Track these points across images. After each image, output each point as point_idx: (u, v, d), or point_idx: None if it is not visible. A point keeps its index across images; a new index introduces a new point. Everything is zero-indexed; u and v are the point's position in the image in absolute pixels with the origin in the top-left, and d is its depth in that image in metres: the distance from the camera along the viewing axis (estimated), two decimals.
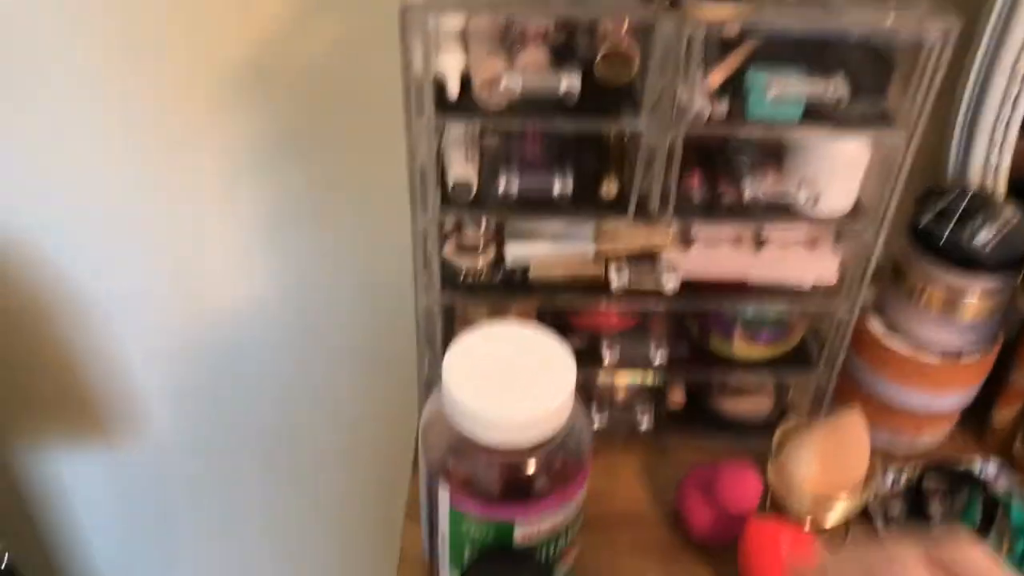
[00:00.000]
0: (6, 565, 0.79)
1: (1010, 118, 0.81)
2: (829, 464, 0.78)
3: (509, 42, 0.71)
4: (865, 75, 0.69)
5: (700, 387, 0.93)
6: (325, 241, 1.05)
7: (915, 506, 0.86)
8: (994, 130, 0.82)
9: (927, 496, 0.87)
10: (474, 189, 0.74)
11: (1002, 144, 0.83)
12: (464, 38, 0.71)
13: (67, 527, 1.40)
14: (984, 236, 0.80)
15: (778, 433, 0.82)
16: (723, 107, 0.69)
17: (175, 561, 1.44)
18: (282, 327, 1.13)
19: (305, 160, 0.99)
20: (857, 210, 0.77)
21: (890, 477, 0.88)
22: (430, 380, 0.87)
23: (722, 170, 0.75)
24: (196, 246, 1.06)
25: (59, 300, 1.11)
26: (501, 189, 0.72)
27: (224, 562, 1.43)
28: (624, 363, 0.85)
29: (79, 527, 1.40)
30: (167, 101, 0.94)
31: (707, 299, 0.81)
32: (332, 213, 1.03)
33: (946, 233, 0.80)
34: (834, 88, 0.66)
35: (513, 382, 0.63)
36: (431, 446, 0.65)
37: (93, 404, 1.22)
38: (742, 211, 0.74)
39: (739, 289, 0.82)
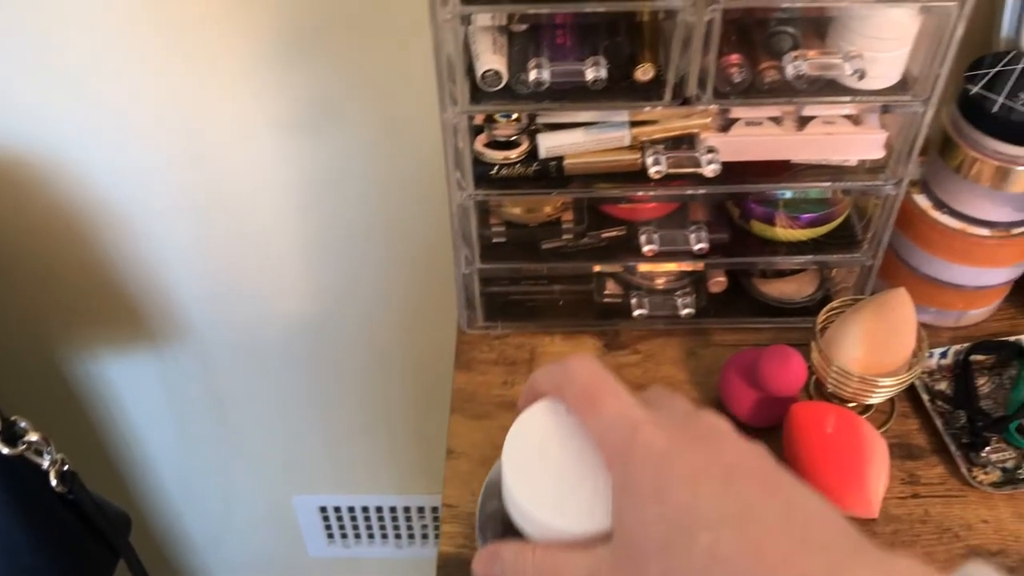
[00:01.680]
0: (67, 470, 0.81)
1: None
2: (875, 344, 0.77)
3: None
4: None
5: (742, 271, 0.91)
6: (354, 136, 1.03)
7: (963, 381, 0.85)
8: None
9: (975, 371, 0.87)
10: (504, 79, 0.71)
11: None
12: None
13: (124, 429, 1.45)
14: None
15: (822, 315, 0.81)
16: None
17: (229, 452, 1.49)
18: (315, 222, 1.12)
19: (330, 51, 0.96)
20: (905, 82, 0.73)
21: (937, 353, 0.87)
22: (467, 278, 0.86)
23: (763, 48, 0.71)
24: (223, 146, 1.05)
25: (98, 214, 1.11)
26: (531, 78, 0.69)
27: (276, 447, 1.48)
28: (664, 251, 0.84)
29: (135, 428, 1.45)
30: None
31: (748, 182, 0.79)
32: (360, 107, 1.01)
33: (998, 101, 0.76)
34: None
35: (573, 481, 0.49)
36: (487, 515, 0.57)
37: (138, 313, 1.24)
38: (784, 90, 0.71)
39: (781, 169, 0.79)
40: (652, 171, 0.76)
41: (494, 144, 0.78)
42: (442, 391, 0.95)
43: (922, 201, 0.85)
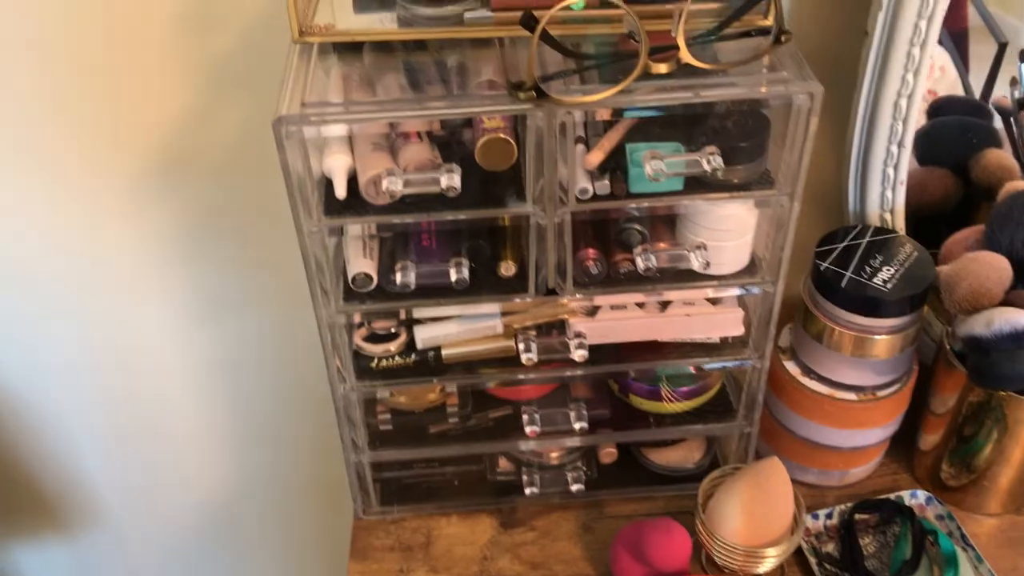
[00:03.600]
0: None
1: (898, 158, 0.83)
2: (755, 515, 0.79)
3: (393, 138, 0.72)
4: (742, 140, 0.70)
5: (630, 441, 0.94)
6: (250, 326, 1.06)
7: (847, 542, 0.87)
8: (884, 169, 0.84)
9: (860, 530, 0.89)
10: (374, 281, 0.74)
11: (894, 183, 0.84)
12: (350, 137, 0.72)
13: None
14: (884, 275, 0.81)
15: (704, 486, 0.83)
16: (605, 184, 0.70)
17: None
18: (219, 411, 1.14)
19: (224, 243, 1.00)
20: (754, 265, 0.78)
21: (823, 514, 0.89)
22: (358, 466, 0.87)
23: (615, 242, 0.76)
24: (131, 347, 1.07)
25: (11, 407, 1.11)
26: (398, 280, 0.73)
27: None
28: (548, 430, 0.86)
29: None
30: (90, 182, 0.95)
31: (621, 360, 0.82)
32: (251, 298, 1.04)
33: (846, 276, 0.81)
34: (710, 159, 0.68)
35: None
36: None
37: (52, 502, 1.23)
38: (640, 279, 0.76)
39: (651, 348, 0.83)
40: (524, 358, 0.79)
41: (373, 337, 0.81)
42: None
43: (792, 368, 0.88)
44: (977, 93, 0.93)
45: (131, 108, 0.90)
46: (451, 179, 0.67)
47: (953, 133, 0.93)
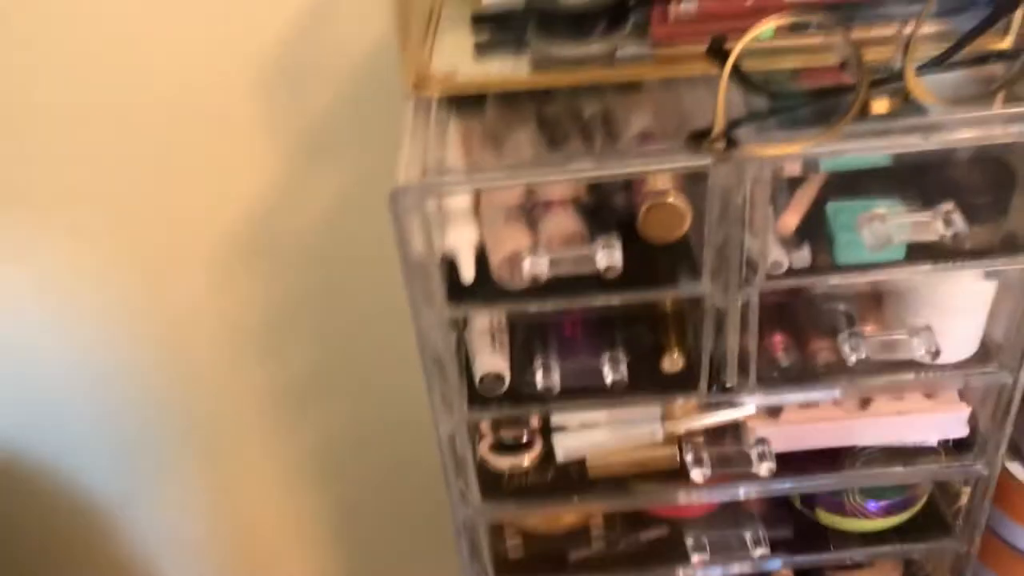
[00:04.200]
0: None
1: None
2: None
3: (530, 207, 0.58)
4: (979, 195, 0.55)
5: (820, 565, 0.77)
6: (333, 425, 0.92)
7: None
8: None
9: None
10: (507, 382, 0.60)
11: None
12: (477, 207, 0.59)
13: None
14: None
15: None
16: (804, 256, 0.55)
17: None
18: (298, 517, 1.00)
19: (311, 335, 0.87)
20: (987, 350, 0.61)
21: None
22: None
23: (810, 324, 0.60)
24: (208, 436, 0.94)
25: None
26: (540, 382, 0.58)
27: None
28: (716, 555, 0.70)
29: None
30: (165, 277, 0.83)
31: (806, 471, 0.66)
32: (341, 394, 0.90)
33: None
34: (947, 219, 0.52)
35: None
36: None
37: None
38: (841, 372, 0.60)
39: (846, 455, 0.66)
40: (694, 474, 0.63)
41: (501, 447, 0.66)
42: None
43: (1019, 470, 0.71)
44: None
45: (212, 186, 0.78)
46: (610, 256, 0.52)
47: None
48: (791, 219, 0.55)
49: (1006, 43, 0.55)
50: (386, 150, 0.56)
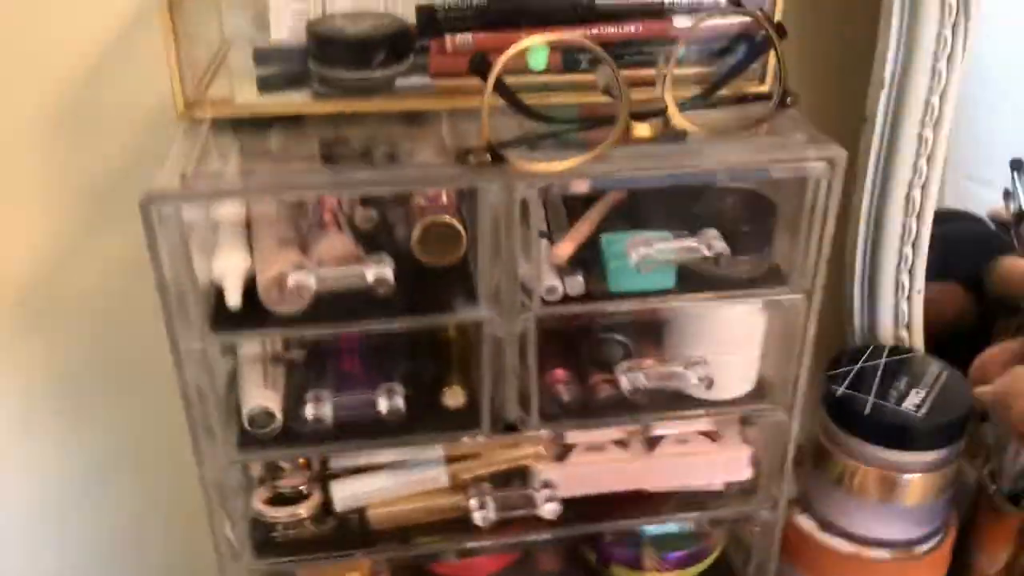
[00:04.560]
0: None
1: (913, 261, 0.70)
2: None
3: (305, 230, 0.56)
4: (744, 226, 0.57)
5: None
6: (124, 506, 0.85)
7: None
8: (898, 276, 0.71)
9: None
10: (277, 419, 0.56)
11: (909, 291, 0.71)
12: (248, 231, 0.57)
13: None
14: (914, 399, 0.66)
15: None
16: (578, 281, 0.55)
17: None
18: None
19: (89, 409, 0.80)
20: (762, 388, 0.62)
21: None
22: None
23: (591, 358, 0.60)
24: None
25: None
26: (309, 415, 0.55)
27: None
28: None
29: None
30: None
31: (598, 519, 0.64)
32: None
33: (870, 400, 0.66)
34: (709, 244, 0.53)
35: None
36: None
37: None
38: (623, 407, 0.59)
39: (637, 500, 0.65)
40: (478, 518, 0.60)
41: (278, 499, 0.62)
42: None
43: (805, 522, 0.71)
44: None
45: None
46: (380, 270, 0.51)
47: (960, 242, 0.82)
48: (566, 247, 0.55)
49: (765, 87, 0.59)
50: None
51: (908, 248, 0.70)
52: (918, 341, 0.73)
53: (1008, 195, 0.83)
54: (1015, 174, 0.83)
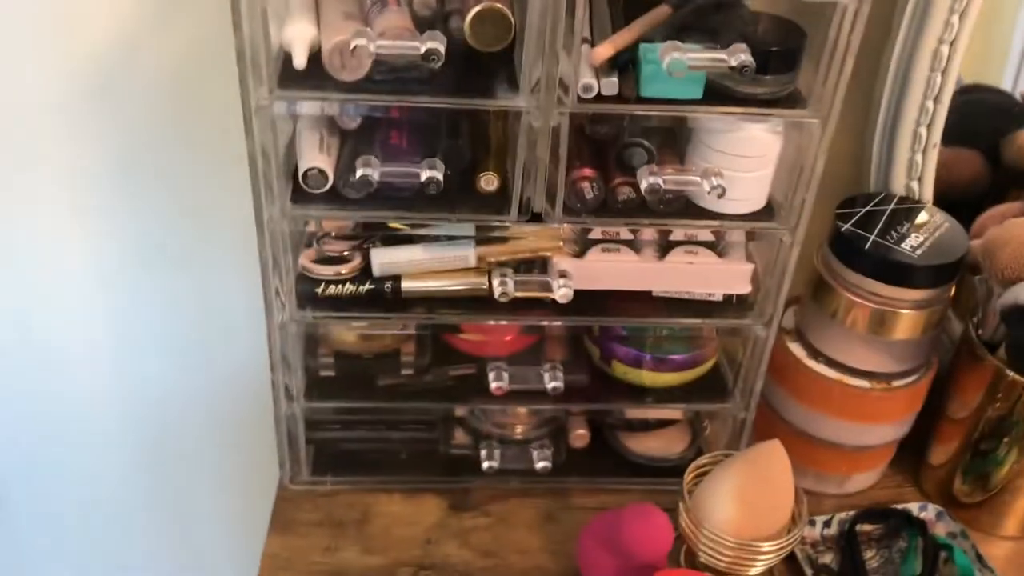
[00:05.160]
0: None
1: (933, 115, 0.74)
2: (749, 504, 0.67)
3: (368, 6, 0.61)
4: (772, 47, 0.61)
5: (606, 424, 0.82)
6: (175, 280, 0.93)
7: (849, 554, 0.75)
8: (917, 128, 0.75)
9: (862, 542, 0.77)
10: (329, 179, 0.63)
11: (926, 144, 0.75)
12: (317, 4, 0.62)
13: None
14: (913, 241, 0.71)
15: (690, 472, 0.71)
16: (612, 83, 0.60)
17: None
18: (132, 375, 1.00)
19: (153, 186, 0.87)
20: (771, 208, 0.68)
21: (820, 522, 0.78)
22: (290, 420, 0.74)
23: (616, 163, 0.65)
24: (40, 289, 0.93)
25: None
26: (358, 175, 0.61)
27: None
28: (515, 391, 0.74)
29: None
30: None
31: (606, 314, 0.71)
32: (182, 245, 0.91)
33: (871, 239, 0.71)
34: (739, 57, 0.58)
35: None
36: None
37: None
38: (640, 208, 0.65)
39: (643, 304, 0.72)
40: (498, 292, 0.67)
41: (323, 260, 0.69)
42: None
43: (797, 350, 0.78)
44: None
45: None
46: (433, 44, 0.56)
47: (983, 112, 0.85)
48: (604, 50, 0.60)
49: None
50: None
51: (930, 102, 0.73)
52: (928, 194, 0.77)
53: None
54: None
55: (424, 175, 0.61)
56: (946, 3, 0.70)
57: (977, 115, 0.85)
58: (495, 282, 0.67)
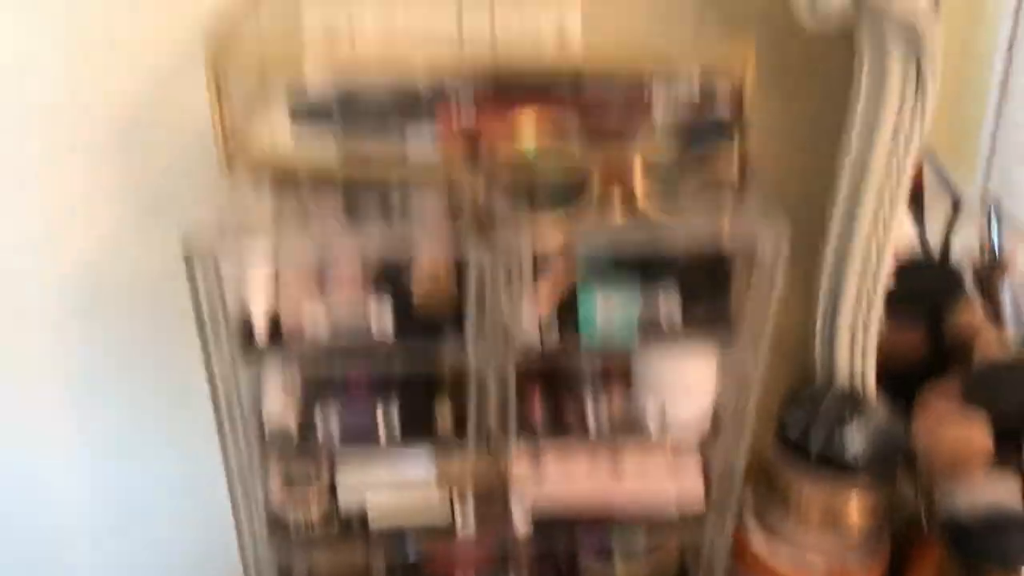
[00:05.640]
0: None
1: (867, 318, 0.78)
2: None
3: (325, 277, 0.66)
4: (702, 285, 0.65)
5: None
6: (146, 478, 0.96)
7: None
8: (854, 332, 0.79)
9: None
10: (294, 429, 0.66)
11: (864, 345, 0.79)
12: (276, 273, 0.66)
13: None
14: (857, 440, 0.75)
15: None
16: (554, 330, 0.64)
17: None
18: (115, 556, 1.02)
19: (131, 389, 0.91)
20: (715, 422, 0.71)
21: None
22: None
23: (565, 389, 0.69)
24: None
25: None
26: (320, 428, 0.65)
27: None
28: None
29: None
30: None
31: (567, 531, 0.74)
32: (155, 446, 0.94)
33: (818, 441, 0.75)
34: (667, 306, 0.62)
35: None
36: None
37: None
38: (590, 433, 0.68)
39: (602, 518, 0.75)
40: (460, 526, 0.70)
41: (292, 501, 0.72)
42: None
43: (757, 541, 0.80)
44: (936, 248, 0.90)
45: (50, 232, 0.82)
46: (382, 314, 0.60)
47: (922, 289, 0.89)
48: (544, 299, 0.64)
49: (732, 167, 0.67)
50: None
51: (863, 307, 0.77)
52: (870, 384, 0.81)
53: (984, 238, 0.90)
54: (990, 214, 0.90)
55: (381, 420, 0.65)
56: (871, 207, 0.74)
57: (918, 289, 0.89)
58: (457, 514, 0.70)
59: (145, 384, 0.91)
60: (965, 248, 0.91)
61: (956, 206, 0.90)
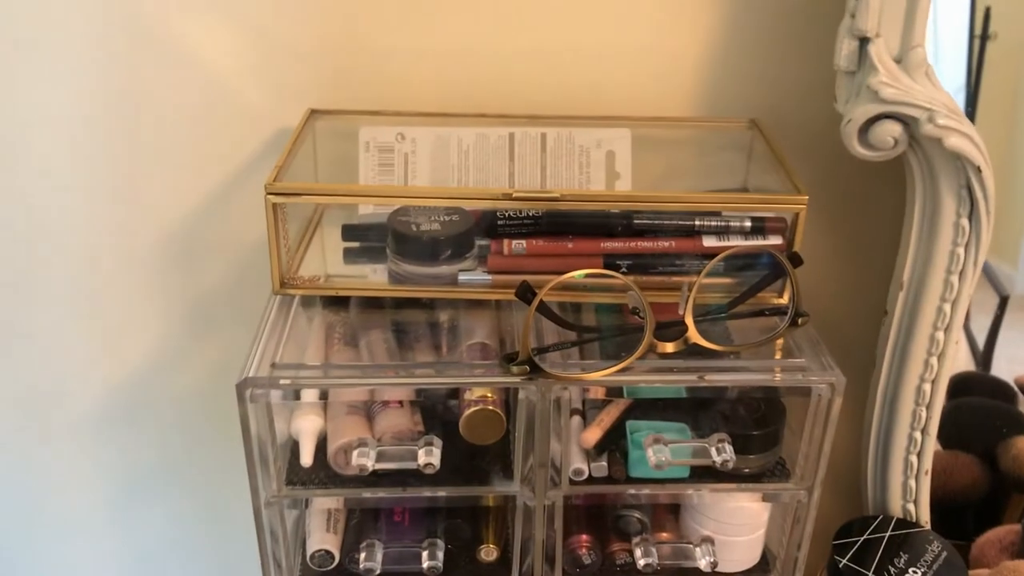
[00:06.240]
0: None
1: (922, 446, 0.76)
2: None
3: (371, 403, 0.65)
4: (755, 428, 0.64)
5: None
6: None
7: None
8: (907, 457, 0.77)
9: None
10: (335, 560, 0.66)
11: (918, 472, 0.77)
12: (324, 398, 0.66)
13: None
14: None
15: None
16: (602, 466, 0.63)
17: None
18: None
19: (176, 498, 0.91)
20: (766, 561, 0.69)
21: None
22: None
23: (612, 527, 0.68)
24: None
25: None
26: (362, 562, 0.64)
27: None
28: None
29: None
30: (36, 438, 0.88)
31: None
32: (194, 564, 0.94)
33: (868, 575, 0.72)
34: (719, 449, 0.61)
35: None
36: None
37: None
38: (639, 573, 0.67)
39: None
40: None
41: None
42: None
43: None
44: (980, 343, 0.88)
45: (102, 339, 0.84)
46: (429, 454, 0.60)
47: (979, 417, 0.87)
48: (592, 435, 0.63)
49: (783, 300, 0.66)
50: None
51: (918, 433, 0.76)
52: (924, 516, 0.79)
53: None
54: None
55: (425, 561, 0.64)
56: (923, 346, 0.73)
57: (973, 418, 0.87)
58: None
59: (182, 504, 0.91)
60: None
61: (1003, 303, 0.89)
